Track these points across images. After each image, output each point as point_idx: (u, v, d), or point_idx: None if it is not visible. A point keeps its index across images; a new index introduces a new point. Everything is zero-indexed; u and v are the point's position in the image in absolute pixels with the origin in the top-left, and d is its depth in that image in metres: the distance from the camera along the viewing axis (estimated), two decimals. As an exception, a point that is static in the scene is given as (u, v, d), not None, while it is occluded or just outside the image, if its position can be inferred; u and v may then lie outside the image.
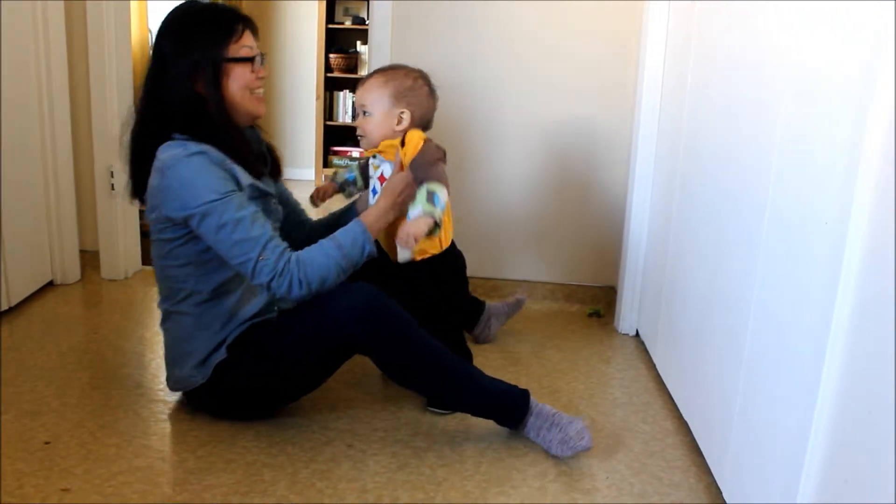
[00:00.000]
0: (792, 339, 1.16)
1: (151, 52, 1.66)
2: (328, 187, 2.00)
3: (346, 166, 1.98)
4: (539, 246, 2.75)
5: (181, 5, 1.68)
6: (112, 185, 2.69)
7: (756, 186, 1.35)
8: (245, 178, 1.62)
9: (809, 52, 1.17)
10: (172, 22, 1.64)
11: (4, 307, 2.33)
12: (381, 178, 1.81)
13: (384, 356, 1.64)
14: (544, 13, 2.56)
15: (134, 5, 4.14)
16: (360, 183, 1.98)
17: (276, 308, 1.75)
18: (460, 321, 1.94)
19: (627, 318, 2.44)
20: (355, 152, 5.48)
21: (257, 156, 1.75)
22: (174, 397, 1.84)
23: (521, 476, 1.58)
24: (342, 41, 5.58)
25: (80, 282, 2.71)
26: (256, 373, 1.66)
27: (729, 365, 1.45)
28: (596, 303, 2.71)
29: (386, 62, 2.62)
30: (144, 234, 2.99)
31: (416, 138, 1.77)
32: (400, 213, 1.75)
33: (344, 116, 5.59)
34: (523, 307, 2.40)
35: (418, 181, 1.72)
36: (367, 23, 5.10)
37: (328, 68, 5.41)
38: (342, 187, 2.01)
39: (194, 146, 1.57)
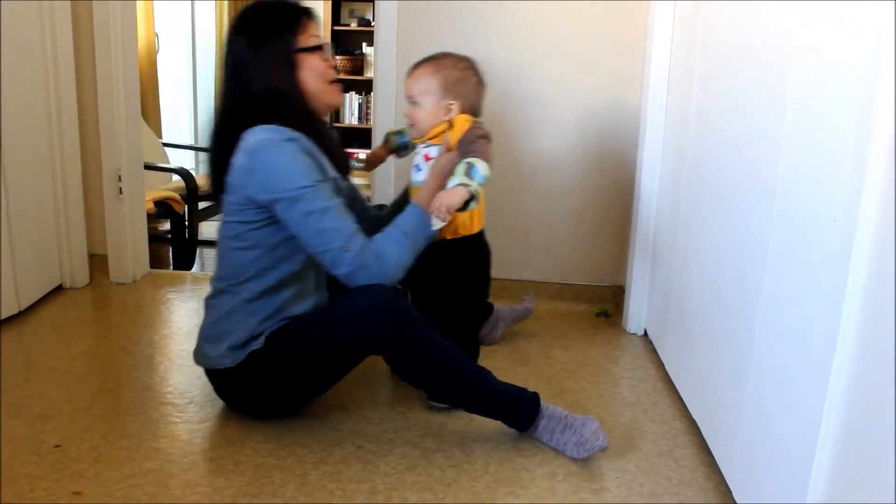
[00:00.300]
0: (801, 337, 1.16)
1: (224, 52, 1.70)
2: (381, 152, 2.02)
3: (399, 130, 1.97)
4: (546, 246, 2.74)
5: (248, 6, 1.73)
6: (120, 188, 2.70)
7: (764, 185, 1.35)
8: (330, 171, 1.67)
9: (815, 45, 1.17)
10: (242, 20, 1.70)
11: (14, 311, 2.34)
12: (426, 157, 1.82)
13: (397, 356, 1.64)
14: (549, 12, 2.56)
15: (140, 6, 4.16)
16: (412, 146, 1.97)
17: (326, 297, 1.79)
18: (477, 313, 1.93)
19: (635, 317, 2.44)
20: (362, 154, 5.49)
21: (341, 152, 1.79)
22: (184, 400, 1.85)
23: (530, 476, 1.58)
24: (348, 43, 5.59)
25: (89, 285, 2.72)
26: (281, 367, 1.66)
27: (738, 364, 1.45)
28: (604, 302, 2.71)
29: (392, 64, 2.63)
30: (153, 238, 3.01)
31: (462, 120, 1.79)
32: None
33: (350, 118, 5.61)
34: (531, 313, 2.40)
35: (460, 155, 1.73)
36: (372, 24, 5.11)
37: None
38: (397, 150, 2.01)
39: (287, 132, 1.60)
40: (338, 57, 5.39)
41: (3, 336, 2.21)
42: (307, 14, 1.72)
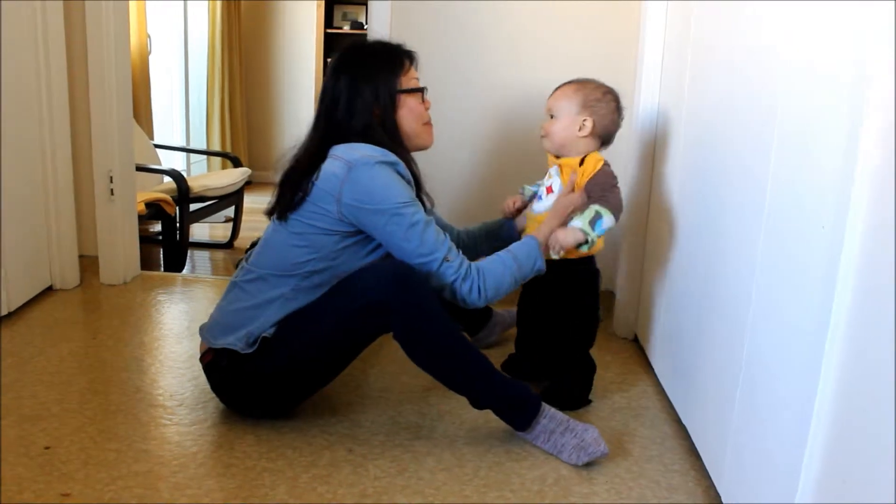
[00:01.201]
0: (789, 342, 1.17)
1: (326, 86, 1.75)
2: (517, 200, 2.06)
3: (535, 184, 1.99)
4: (537, 250, 2.74)
5: (355, 42, 1.82)
6: (111, 189, 2.69)
7: (754, 191, 1.36)
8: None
9: (805, 49, 1.18)
10: (348, 56, 1.77)
11: (4, 312, 2.33)
12: (549, 189, 1.87)
13: (406, 324, 1.62)
14: (542, 14, 2.57)
15: (132, 7, 4.15)
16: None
17: None
18: (589, 333, 1.98)
19: (625, 322, 2.45)
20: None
21: (424, 188, 1.84)
22: (174, 402, 1.85)
23: (519, 480, 1.58)
24: (340, 46, 5.60)
25: (80, 287, 2.71)
26: (293, 352, 1.66)
27: (727, 369, 1.46)
28: (594, 307, 2.71)
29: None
30: (143, 240, 3.00)
31: (594, 160, 1.83)
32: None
33: (342, 121, 5.61)
34: None
35: (592, 200, 1.78)
36: (365, 27, 5.11)
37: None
38: (530, 200, 2.03)
39: (390, 155, 1.66)
40: (330, 59, 5.40)
41: (-8, 337, 2.20)
42: (410, 58, 1.80)
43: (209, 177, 4.24)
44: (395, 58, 1.77)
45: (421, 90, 1.79)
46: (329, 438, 1.71)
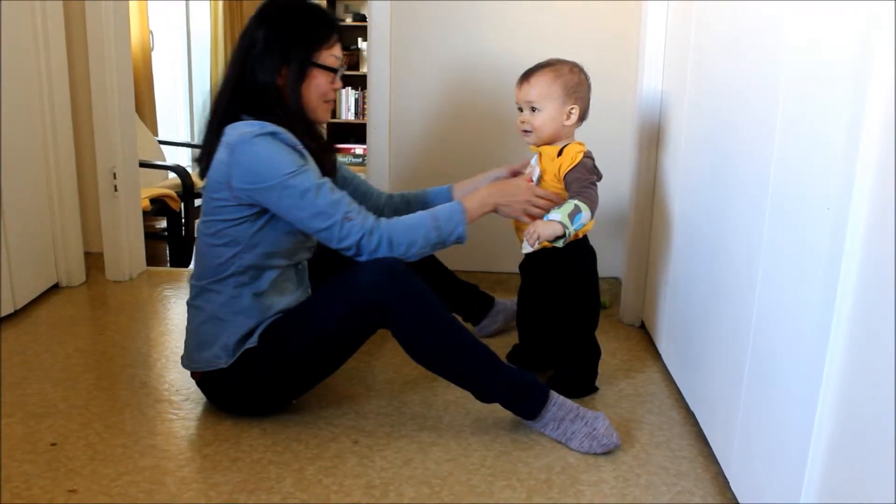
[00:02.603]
0: (796, 325, 1.16)
1: (243, 32, 1.68)
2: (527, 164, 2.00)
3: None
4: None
5: None
6: (115, 185, 2.69)
7: (758, 175, 1.35)
8: (314, 167, 1.65)
9: (806, 34, 1.16)
10: (272, 12, 1.67)
11: (10, 310, 2.34)
12: (529, 180, 1.82)
13: (405, 324, 1.61)
14: (541, 9, 2.55)
15: (133, 5, 4.15)
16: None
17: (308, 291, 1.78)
18: (590, 318, 1.95)
19: (632, 309, 2.44)
20: (359, 149, 5.47)
21: (331, 156, 1.80)
22: (180, 397, 1.85)
23: (526, 469, 1.57)
24: (344, 38, 5.59)
25: (85, 284, 2.72)
26: (283, 356, 1.65)
27: (734, 354, 1.44)
28: (601, 294, 2.69)
29: (386, 59, 2.62)
30: (148, 235, 3.00)
31: (574, 151, 1.78)
32: (495, 211, 1.77)
33: (347, 114, 5.59)
34: None
35: (571, 194, 1.73)
36: (367, 19, 5.10)
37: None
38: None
39: (268, 125, 1.60)
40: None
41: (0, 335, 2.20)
42: (338, 32, 1.71)
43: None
44: (322, 28, 1.68)
45: (335, 70, 1.70)
46: (334, 430, 1.71)
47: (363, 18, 5.44)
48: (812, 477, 1.09)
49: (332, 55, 1.70)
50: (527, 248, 1.69)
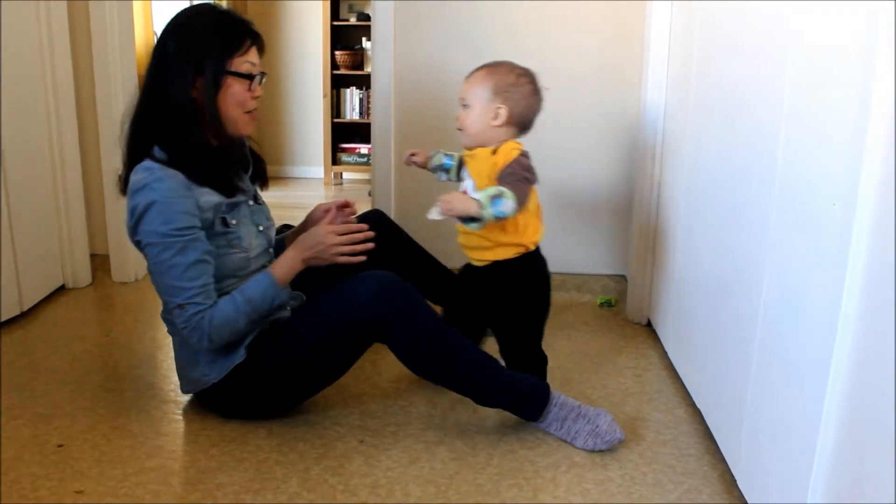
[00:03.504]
0: (803, 321, 1.15)
1: (154, 46, 1.63)
2: (423, 160, 1.94)
3: (451, 154, 1.91)
4: (549, 236, 2.72)
5: (195, 6, 1.67)
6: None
7: (763, 171, 1.34)
8: (210, 199, 1.61)
9: (812, 29, 1.16)
10: (183, 21, 1.62)
11: (17, 312, 2.34)
12: (464, 192, 1.72)
13: (403, 340, 1.61)
14: (545, 8, 2.54)
15: (138, 5, 4.15)
16: (453, 175, 1.91)
17: (287, 307, 1.75)
18: (529, 331, 1.85)
19: (638, 307, 2.43)
20: (364, 149, 5.47)
21: (260, 167, 1.78)
22: (185, 398, 1.85)
23: (533, 468, 1.57)
24: (347, 38, 5.58)
25: (91, 285, 2.72)
26: (276, 370, 1.65)
27: (740, 351, 1.44)
28: (607, 292, 2.69)
29: (389, 58, 2.62)
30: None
31: (509, 148, 1.71)
32: (311, 263, 1.68)
33: (351, 113, 5.59)
34: None
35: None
36: (371, 19, 5.10)
37: (334, 65, 5.41)
38: (434, 169, 1.94)
39: (158, 171, 1.56)
40: (338, 52, 5.37)
41: (5, 337, 2.21)
42: (253, 38, 1.64)
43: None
44: (234, 35, 1.61)
45: (251, 77, 1.63)
46: (340, 430, 1.71)
47: (367, 18, 5.44)
48: (819, 475, 1.08)
49: (247, 62, 1.62)
50: (434, 215, 1.61)
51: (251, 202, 1.75)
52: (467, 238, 1.77)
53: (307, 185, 5.34)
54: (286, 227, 2.16)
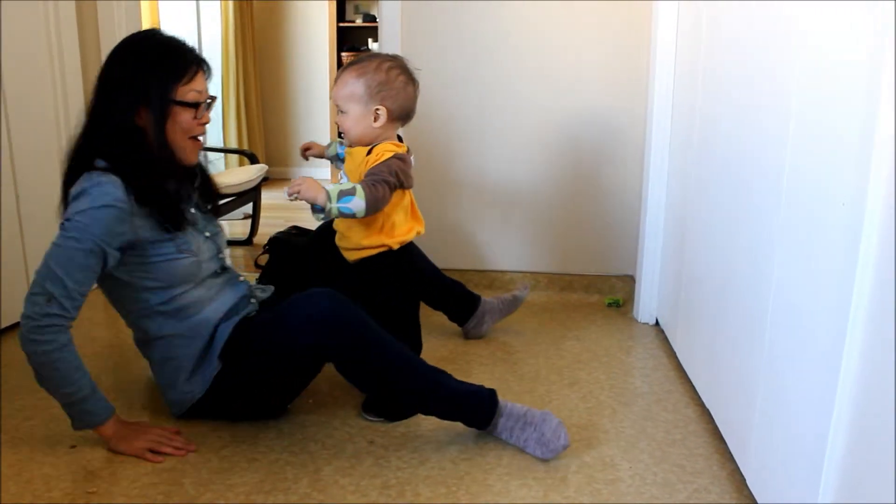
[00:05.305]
0: (811, 322, 1.15)
1: (100, 73, 1.60)
2: (319, 151, 2.01)
3: (343, 144, 1.93)
4: (556, 237, 2.74)
5: (139, 33, 1.65)
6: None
7: (771, 171, 1.34)
8: (147, 230, 1.58)
9: (820, 32, 1.16)
10: (127, 48, 1.60)
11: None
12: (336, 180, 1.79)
13: (345, 362, 1.61)
14: (552, 9, 2.55)
15: (145, 4, 4.17)
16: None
17: (252, 300, 1.76)
18: (409, 316, 1.87)
19: (647, 306, 2.43)
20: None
21: (212, 192, 1.79)
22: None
23: (543, 468, 1.57)
24: (354, 39, 5.59)
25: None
26: (252, 375, 1.65)
27: (749, 350, 1.44)
28: (615, 292, 2.70)
29: (396, 58, 2.62)
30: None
31: (383, 150, 1.71)
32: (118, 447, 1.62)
33: (358, 114, 5.61)
34: (521, 304, 2.34)
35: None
36: (377, 21, 5.11)
37: (340, 67, 5.42)
38: (332, 159, 2.02)
39: (98, 177, 1.53)
40: (344, 53, 5.38)
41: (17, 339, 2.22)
42: (200, 66, 1.62)
43: (226, 174, 4.26)
44: (180, 63, 1.58)
45: (196, 105, 1.60)
46: (350, 431, 1.71)
47: (373, 19, 5.45)
48: (830, 474, 1.08)
49: (193, 90, 1.59)
50: (285, 193, 1.62)
51: (192, 209, 1.72)
52: (340, 238, 1.82)
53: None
54: (295, 228, 2.18)
